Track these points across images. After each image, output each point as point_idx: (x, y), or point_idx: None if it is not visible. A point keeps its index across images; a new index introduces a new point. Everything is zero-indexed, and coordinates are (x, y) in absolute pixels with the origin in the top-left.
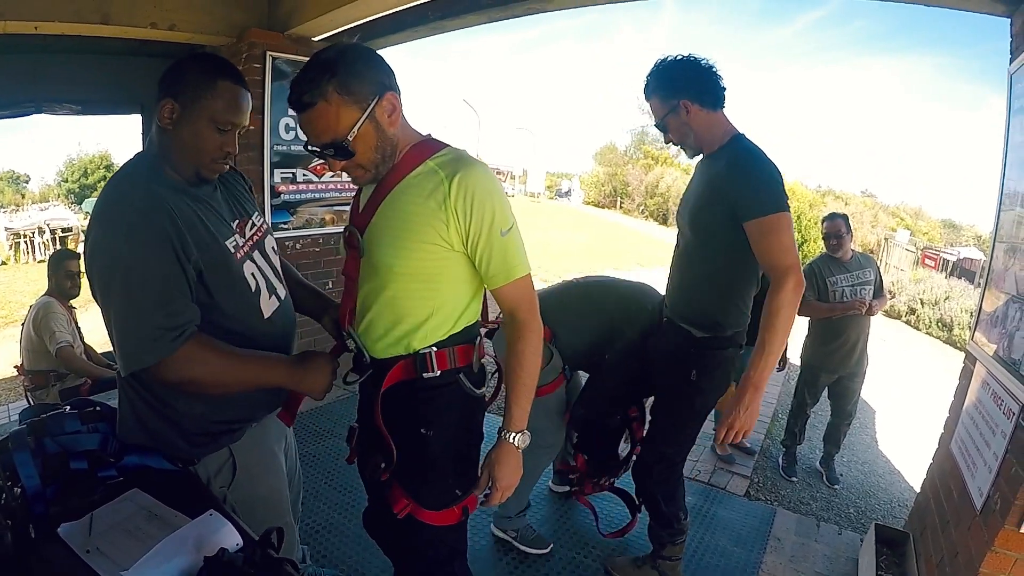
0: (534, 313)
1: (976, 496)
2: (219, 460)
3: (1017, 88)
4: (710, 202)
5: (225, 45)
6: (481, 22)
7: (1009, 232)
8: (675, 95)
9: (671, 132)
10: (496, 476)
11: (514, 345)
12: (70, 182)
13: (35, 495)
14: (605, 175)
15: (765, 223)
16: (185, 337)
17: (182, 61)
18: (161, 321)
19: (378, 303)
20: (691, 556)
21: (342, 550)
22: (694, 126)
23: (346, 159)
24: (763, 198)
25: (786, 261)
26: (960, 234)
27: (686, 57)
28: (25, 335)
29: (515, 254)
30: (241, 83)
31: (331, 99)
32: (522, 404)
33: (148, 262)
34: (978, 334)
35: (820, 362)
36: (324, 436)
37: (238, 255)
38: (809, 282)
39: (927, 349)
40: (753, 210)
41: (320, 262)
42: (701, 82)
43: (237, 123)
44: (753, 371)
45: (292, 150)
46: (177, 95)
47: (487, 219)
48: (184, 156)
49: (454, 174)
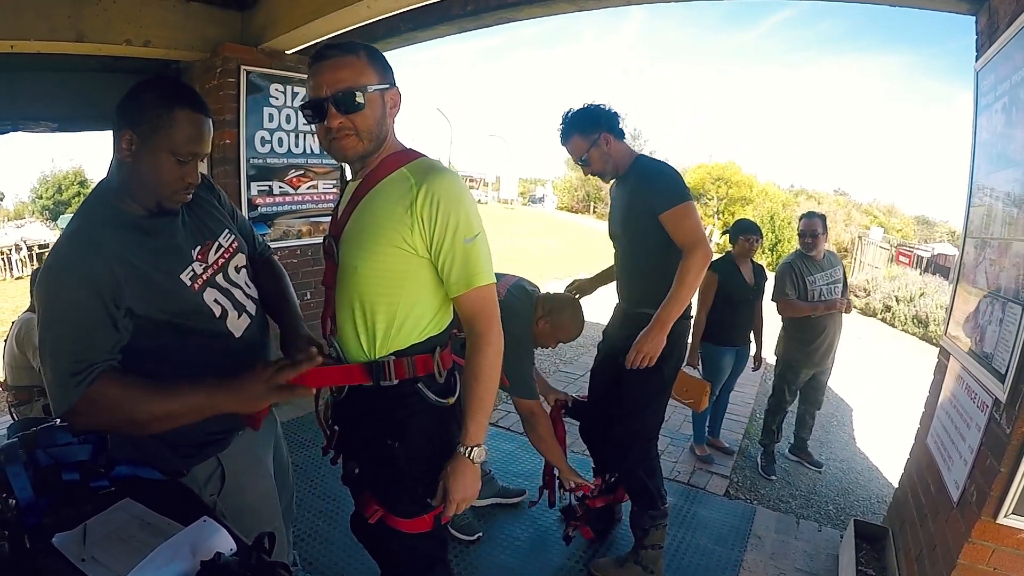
0: (492, 325)
1: (953, 489)
2: (208, 469)
3: (983, 85)
4: (635, 211)
5: (200, 60)
6: (452, 32)
7: (979, 227)
8: (596, 130)
9: (593, 163)
10: (449, 488)
11: (470, 357)
12: (44, 199)
13: (28, 507)
14: (578, 180)
15: (676, 212)
16: (90, 380)
17: (138, 88)
18: (70, 367)
19: (347, 308)
20: (672, 555)
21: (328, 558)
22: (612, 154)
23: (352, 112)
24: (670, 194)
25: (695, 237)
26: (934, 230)
27: (594, 104)
28: (8, 351)
29: (476, 263)
30: (201, 110)
31: (361, 58)
32: (478, 418)
33: (68, 307)
34: (951, 329)
35: (801, 360)
36: (307, 445)
37: (195, 285)
38: (790, 281)
39: (903, 346)
40: (665, 204)
41: (298, 273)
42: (611, 119)
43: (198, 153)
44: (663, 311)
45: (268, 163)
46: (135, 126)
47: (451, 226)
48: (145, 188)
49: (423, 180)
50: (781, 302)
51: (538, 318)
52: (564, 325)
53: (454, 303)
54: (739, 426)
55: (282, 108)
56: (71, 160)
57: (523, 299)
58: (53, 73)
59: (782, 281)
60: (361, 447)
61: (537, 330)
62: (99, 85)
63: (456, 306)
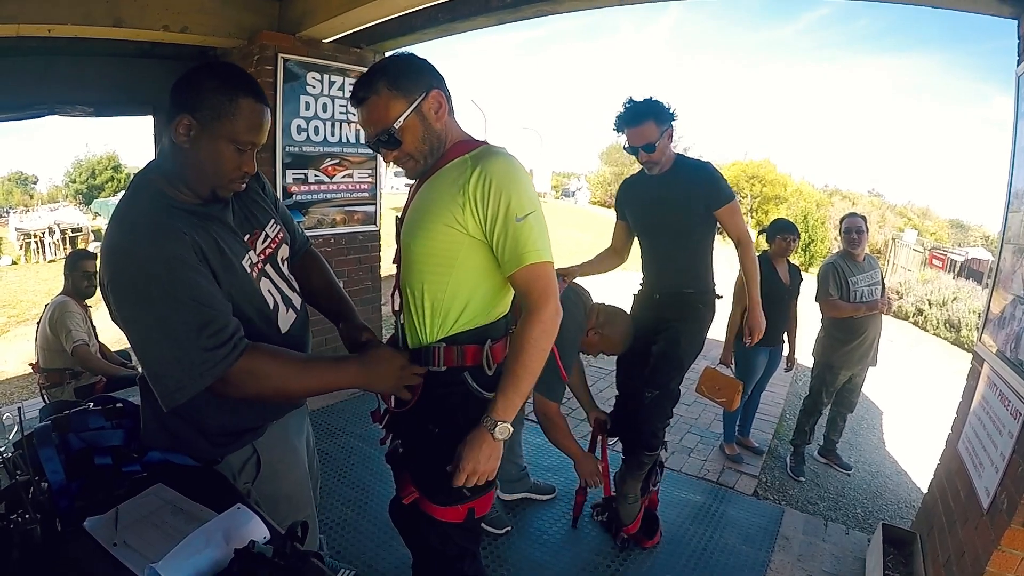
0: (545, 302)
1: (983, 496)
2: (243, 457)
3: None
4: (684, 205)
5: (236, 47)
6: (490, 24)
7: (1017, 233)
8: (667, 122)
9: (656, 152)
10: (462, 455)
11: (516, 332)
12: (78, 183)
13: (60, 490)
14: (611, 174)
15: (730, 208)
16: (239, 352)
17: (198, 73)
18: (205, 342)
19: (406, 290)
20: (700, 554)
21: (356, 547)
22: (669, 149)
23: (394, 148)
24: (723, 192)
25: (746, 230)
26: (968, 234)
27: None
28: (41, 334)
29: (528, 240)
30: (262, 100)
31: (381, 93)
32: (507, 394)
33: (180, 284)
34: (985, 335)
35: (840, 361)
36: (336, 434)
37: (253, 273)
38: (834, 282)
39: (934, 350)
40: (721, 201)
41: (332, 262)
42: (674, 119)
43: (257, 142)
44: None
45: (304, 151)
46: (195, 111)
47: (503, 205)
48: (201, 175)
49: (478, 162)
50: (825, 303)
51: (590, 328)
52: (615, 339)
53: (511, 283)
54: (769, 426)
55: (319, 96)
56: (105, 145)
57: (577, 304)
58: (90, 57)
59: (825, 281)
60: (406, 428)
61: (586, 339)
62: (136, 70)
63: (512, 286)
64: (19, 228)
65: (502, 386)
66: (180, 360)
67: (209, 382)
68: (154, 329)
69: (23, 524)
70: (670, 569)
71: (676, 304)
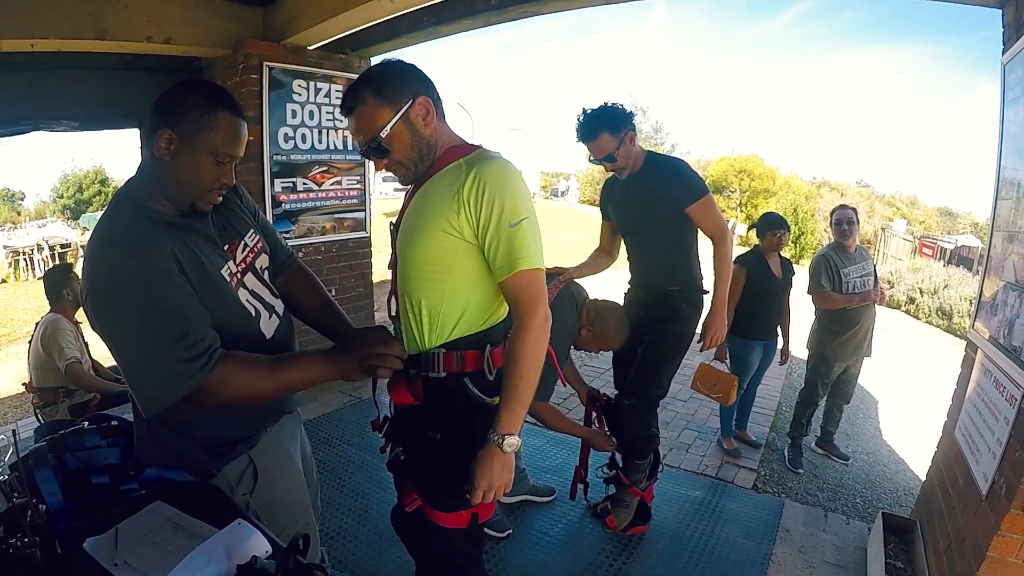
0: (535, 311)
1: (981, 482)
2: (239, 467)
3: (1011, 78)
4: (658, 203)
5: (221, 57)
6: (476, 26)
7: (1007, 220)
8: (623, 128)
9: (619, 160)
10: (475, 473)
11: (508, 343)
12: (65, 198)
13: (57, 511)
14: (600, 174)
15: (703, 204)
16: (214, 363)
17: (179, 89)
18: (181, 354)
19: (402, 297)
20: (703, 549)
21: (357, 556)
22: (633, 151)
23: (383, 157)
24: (694, 188)
25: (721, 225)
26: (957, 222)
27: (612, 103)
28: (33, 352)
29: (521, 247)
30: (239, 114)
31: (367, 102)
32: (510, 406)
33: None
34: (978, 322)
35: (835, 352)
36: (333, 443)
37: (232, 283)
38: (826, 274)
39: (927, 338)
40: (692, 197)
41: (323, 270)
42: (632, 118)
43: (236, 155)
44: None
45: (291, 159)
46: (176, 125)
47: (496, 209)
48: (181, 187)
49: (473, 167)
50: (817, 295)
51: (581, 326)
52: (607, 335)
53: (501, 289)
54: (765, 420)
55: (305, 104)
56: (92, 159)
57: (570, 304)
58: (74, 71)
59: (817, 274)
60: (406, 435)
61: (580, 337)
62: (120, 83)
63: (503, 292)
64: (7, 245)
65: (503, 399)
66: (158, 368)
67: (185, 392)
68: (133, 337)
69: (23, 548)
70: (673, 566)
71: (659, 304)
